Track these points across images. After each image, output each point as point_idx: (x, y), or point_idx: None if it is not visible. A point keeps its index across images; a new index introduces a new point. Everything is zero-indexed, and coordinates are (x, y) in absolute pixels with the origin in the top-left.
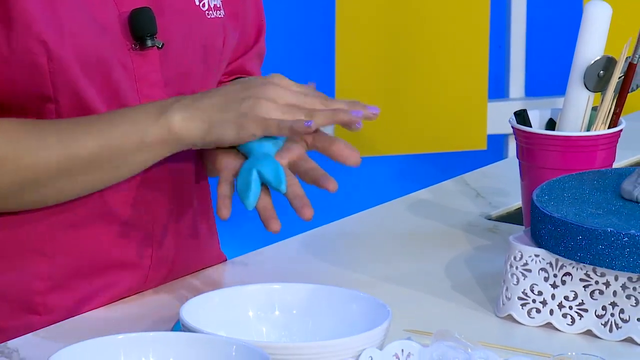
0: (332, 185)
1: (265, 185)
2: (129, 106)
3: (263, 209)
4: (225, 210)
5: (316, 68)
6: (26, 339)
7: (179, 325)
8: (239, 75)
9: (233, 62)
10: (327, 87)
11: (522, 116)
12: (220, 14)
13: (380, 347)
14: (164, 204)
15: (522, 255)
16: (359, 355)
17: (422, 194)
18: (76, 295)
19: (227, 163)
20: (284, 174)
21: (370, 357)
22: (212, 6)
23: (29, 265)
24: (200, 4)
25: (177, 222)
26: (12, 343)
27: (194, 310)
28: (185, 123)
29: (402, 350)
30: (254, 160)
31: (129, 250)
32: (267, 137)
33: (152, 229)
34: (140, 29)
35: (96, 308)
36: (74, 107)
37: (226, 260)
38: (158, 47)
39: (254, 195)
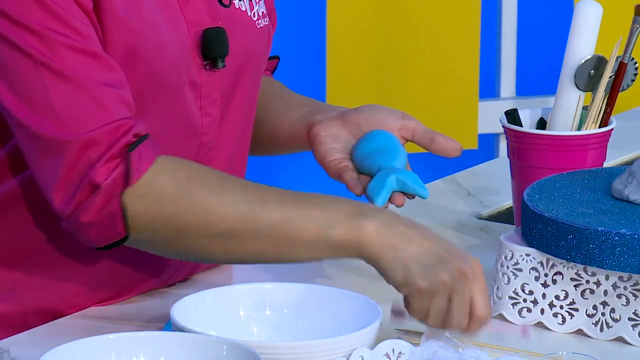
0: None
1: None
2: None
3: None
4: (359, 187)
5: (307, 69)
6: (17, 339)
7: (169, 325)
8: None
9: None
10: (318, 88)
11: (513, 115)
12: (266, 21)
13: (371, 347)
14: None
15: (512, 255)
16: (350, 355)
17: None
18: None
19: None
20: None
21: (361, 356)
22: (260, 14)
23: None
24: (252, 14)
25: None
26: (3, 342)
27: (184, 309)
28: (377, 237)
29: (393, 349)
30: (389, 170)
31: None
32: (388, 152)
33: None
34: (213, 50)
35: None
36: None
37: None
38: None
39: (386, 195)
